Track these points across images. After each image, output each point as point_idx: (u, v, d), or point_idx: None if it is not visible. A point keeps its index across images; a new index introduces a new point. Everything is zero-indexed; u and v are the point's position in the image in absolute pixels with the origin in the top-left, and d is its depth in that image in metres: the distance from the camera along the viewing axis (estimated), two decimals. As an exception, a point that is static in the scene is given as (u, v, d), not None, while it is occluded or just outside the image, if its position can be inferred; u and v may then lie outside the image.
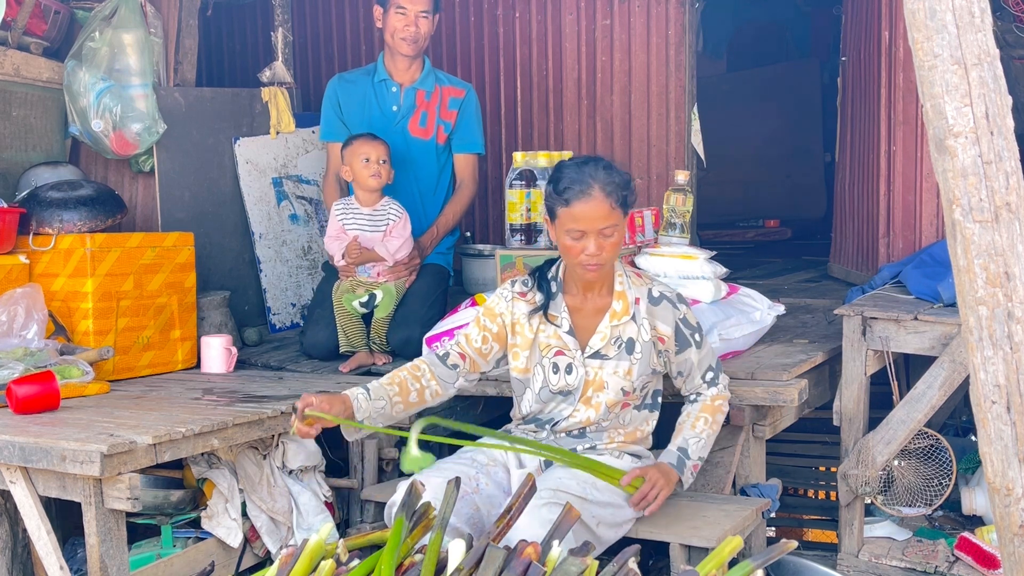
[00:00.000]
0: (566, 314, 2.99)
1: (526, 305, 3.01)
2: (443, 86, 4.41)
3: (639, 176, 5.30)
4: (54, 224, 3.87)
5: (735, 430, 3.42)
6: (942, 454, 3.58)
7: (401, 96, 4.38)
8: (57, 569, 2.89)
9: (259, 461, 3.30)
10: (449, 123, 4.40)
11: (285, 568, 2.30)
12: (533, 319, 3.00)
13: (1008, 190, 2.24)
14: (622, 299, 2.97)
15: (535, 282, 3.03)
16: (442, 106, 4.39)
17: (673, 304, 3.00)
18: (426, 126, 4.39)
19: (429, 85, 4.39)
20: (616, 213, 2.85)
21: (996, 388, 2.27)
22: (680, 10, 5.14)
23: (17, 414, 3.22)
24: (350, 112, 4.40)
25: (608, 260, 2.88)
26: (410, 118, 4.38)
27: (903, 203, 4.41)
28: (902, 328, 3.51)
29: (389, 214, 4.09)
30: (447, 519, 2.41)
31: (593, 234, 2.82)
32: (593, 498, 2.80)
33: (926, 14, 2.26)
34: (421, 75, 4.39)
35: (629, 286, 2.99)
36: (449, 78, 4.52)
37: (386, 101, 4.38)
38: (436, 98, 4.39)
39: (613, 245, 2.86)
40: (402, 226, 4.10)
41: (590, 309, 2.99)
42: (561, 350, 2.98)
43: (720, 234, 7.47)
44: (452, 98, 4.40)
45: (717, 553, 2.27)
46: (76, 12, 4.41)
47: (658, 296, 2.99)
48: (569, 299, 3.00)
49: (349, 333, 4.07)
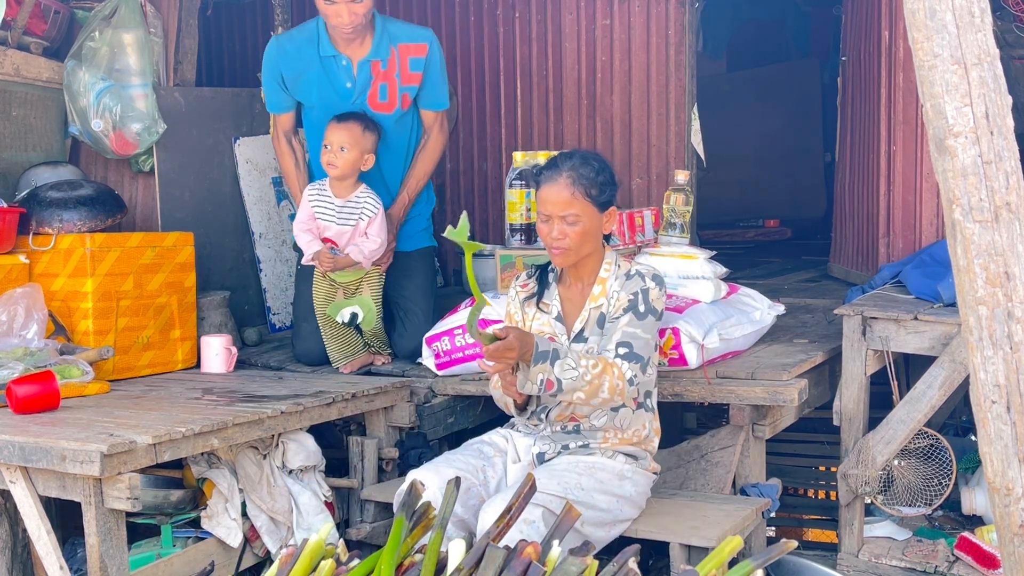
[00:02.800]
0: (557, 302, 3.09)
1: (525, 293, 3.15)
2: (399, 45, 3.96)
3: (639, 176, 5.30)
4: (54, 224, 3.87)
5: (735, 430, 3.42)
6: (942, 454, 3.58)
7: (354, 70, 3.97)
8: (57, 569, 2.89)
9: (259, 461, 3.30)
10: (414, 87, 4.01)
11: (285, 568, 2.30)
12: (528, 307, 3.12)
13: (1008, 190, 2.24)
14: (602, 284, 3.05)
15: (536, 273, 3.16)
16: (402, 71, 3.98)
17: (643, 278, 3.00)
18: (387, 99, 4.00)
19: (384, 51, 3.95)
20: (578, 202, 2.93)
21: (996, 388, 2.27)
22: (680, 10, 5.14)
23: (17, 414, 3.22)
24: (296, 85, 4.03)
25: (573, 247, 2.95)
26: (368, 92, 3.98)
27: (903, 203, 4.41)
28: (902, 328, 3.51)
29: (364, 208, 3.86)
30: (447, 519, 2.41)
31: (556, 219, 2.94)
32: (576, 498, 2.80)
33: (926, 14, 2.26)
34: (373, 43, 3.94)
35: (615, 275, 3.04)
36: (405, 29, 4.05)
37: (338, 78, 3.98)
38: (393, 64, 3.97)
39: (578, 234, 2.94)
40: (379, 224, 3.86)
41: (578, 297, 3.08)
42: (552, 336, 3.05)
43: (720, 234, 7.47)
44: (413, 59, 3.98)
45: (717, 553, 2.27)
46: (76, 12, 4.41)
47: (633, 273, 3.02)
48: (562, 289, 3.10)
49: (340, 343, 3.96)
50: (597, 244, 3.04)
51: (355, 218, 3.87)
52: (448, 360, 3.75)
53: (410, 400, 3.71)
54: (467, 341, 3.69)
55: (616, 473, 3.00)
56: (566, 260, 2.99)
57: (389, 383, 3.68)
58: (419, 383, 3.77)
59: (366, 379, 3.81)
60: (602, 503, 2.92)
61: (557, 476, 2.89)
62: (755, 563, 2.23)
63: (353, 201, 3.88)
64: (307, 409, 3.33)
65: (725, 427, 3.48)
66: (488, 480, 3.02)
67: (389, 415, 3.67)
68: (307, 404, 3.32)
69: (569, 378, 2.81)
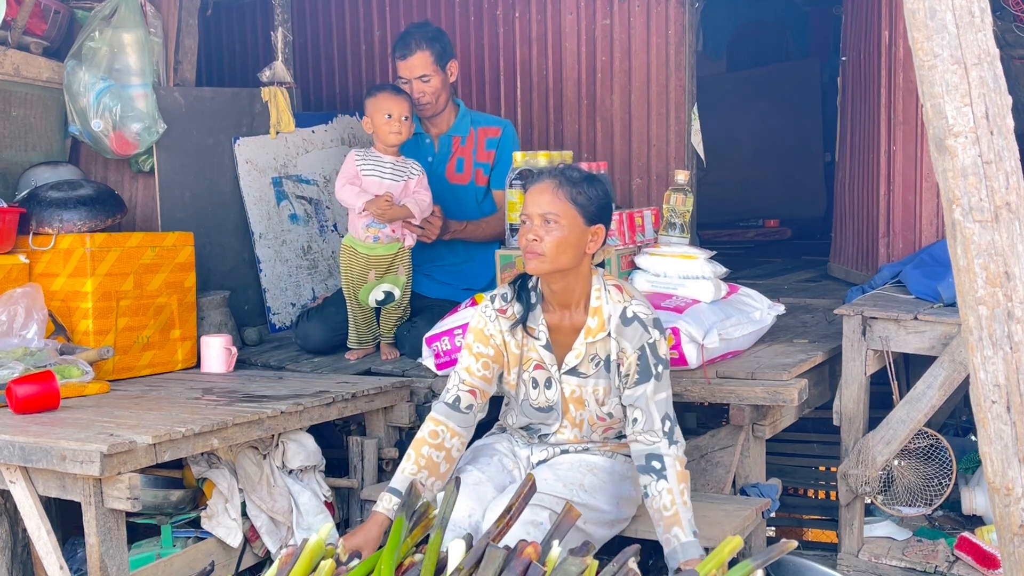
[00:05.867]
0: (544, 328, 2.93)
1: (507, 321, 2.96)
2: (479, 127, 4.42)
3: (639, 176, 5.30)
4: (54, 224, 3.87)
5: (735, 430, 3.42)
6: (942, 454, 3.58)
7: (436, 145, 4.41)
8: (57, 569, 2.89)
9: (259, 461, 3.30)
10: (488, 164, 4.39)
11: (285, 568, 2.30)
12: (516, 333, 2.95)
13: (1008, 190, 2.24)
14: (597, 315, 2.88)
15: (514, 294, 2.97)
16: (479, 149, 4.39)
17: (645, 328, 2.84)
18: (463, 172, 4.40)
19: (463, 130, 4.40)
20: (560, 203, 2.78)
21: (996, 388, 2.27)
22: (680, 10, 5.14)
23: (17, 414, 3.22)
24: None
25: (547, 253, 2.77)
26: (446, 165, 4.39)
27: (903, 203, 4.41)
28: (902, 328, 3.51)
29: (411, 167, 4.09)
30: (447, 519, 2.41)
31: (535, 218, 2.80)
32: (579, 499, 2.80)
33: (926, 14, 2.26)
34: (455, 122, 4.40)
35: (607, 301, 2.88)
36: (485, 118, 4.53)
37: (422, 152, 4.35)
38: (471, 142, 4.40)
39: (555, 240, 2.77)
40: (425, 182, 4.11)
41: (568, 327, 2.92)
42: (540, 364, 2.95)
43: (720, 234, 7.47)
44: (489, 139, 4.40)
45: (717, 553, 2.27)
46: (76, 12, 4.41)
47: (631, 316, 2.85)
48: (548, 316, 2.93)
49: (362, 328, 4.12)
50: (577, 262, 2.83)
51: (405, 175, 4.06)
52: (448, 360, 3.75)
53: (410, 400, 3.71)
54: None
55: (617, 473, 2.99)
56: (539, 267, 2.80)
57: (389, 383, 3.68)
58: (419, 383, 3.77)
59: (366, 379, 3.81)
60: (604, 503, 2.92)
61: (561, 476, 2.88)
62: (755, 563, 2.23)
63: (402, 161, 4.09)
64: (307, 409, 3.33)
65: (725, 427, 3.48)
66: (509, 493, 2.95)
67: (389, 415, 3.68)
68: (307, 404, 3.32)
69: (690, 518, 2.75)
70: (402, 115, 4.02)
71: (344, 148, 5.07)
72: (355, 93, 5.88)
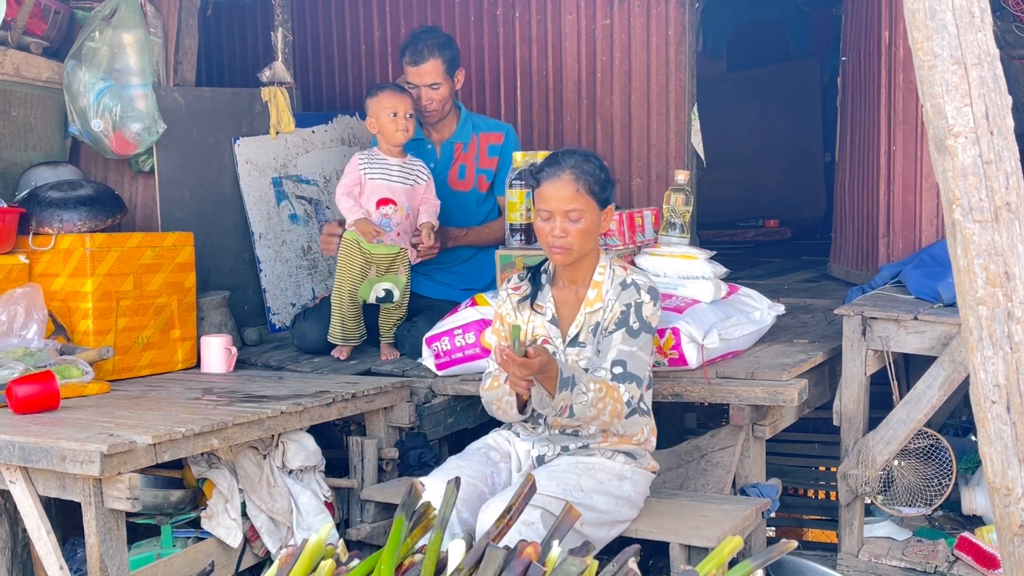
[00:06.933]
0: (551, 304, 3.07)
1: (517, 296, 3.12)
2: (480, 133, 4.40)
3: (639, 176, 5.30)
4: (54, 224, 3.87)
5: (735, 430, 3.42)
6: (942, 454, 3.58)
7: (437, 152, 4.39)
8: (57, 569, 2.89)
9: (259, 461, 3.30)
10: (490, 170, 4.39)
11: (285, 568, 2.30)
12: (522, 310, 3.09)
13: (1008, 190, 2.24)
14: (597, 288, 3.03)
15: (528, 275, 3.13)
16: (480, 155, 4.38)
17: (637, 290, 2.99)
18: (465, 178, 4.40)
19: (465, 136, 4.39)
20: (582, 198, 2.92)
21: (996, 388, 2.27)
22: (680, 10, 5.14)
23: (17, 414, 3.22)
24: None
25: (575, 246, 2.94)
26: (448, 171, 4.38)
27: (903, 203, 4.41)
28: (902, 328, 3.51)
29: (419, 170, 4.08)
30: (447, 519, 2.41)
31: (559, 215, 2.93)
32: (576, 500, 2.80)
33: (926, 14, 2.26)
34: (456, 128, 4.39)
35: (610, 277, 3.03)
36: (487, 123, 4.51)
37: (424, 159, 4.31)
38: (473, 148, 4.39)
39: (580, 232, 2.93)
40: (433, 187, 4.11)
41: (573, 300, 3.06)
42: (547, 339, 3.05)
43: (720, 234, 7.47)
44: (491, 145, 4.40)
45: (717, 553, 2.27)
46: (76, 12, 4.41)
47: (629, 283, 3.01)
48: (556, 291, 3.08)
49: (351, 324, 4.07)
50: (596, 243, 3.04)
51: (413, 178, 4.05)
52: (448, 360, 3.75)
53: (410, 400, 3.71)
54: (467, 341, 3.69)
55: (616, 474, 2.99)
56: (567, 259, 2.98)
57: (389, 383, 3.68)
58: (419, 383, 3.77)
59: (366, 379, 3.81)
60: (601, 504, 2.92)
61: (556, 477, 2.89)
62: (755, 563, 2.23)
63: (409, 162, 4.08)
64: (307, 409, 3.33)
65: (725, 427, 3.48)
66: (496, 487, 3.02)
67: (389, 415, 3.67)
68: (307, 404, 3.32)
69: (581, 403, 2.83)
70: (407, 112, 4.01)
71: (344, 148, 5.07)
72: (355, 93, 5.88)
